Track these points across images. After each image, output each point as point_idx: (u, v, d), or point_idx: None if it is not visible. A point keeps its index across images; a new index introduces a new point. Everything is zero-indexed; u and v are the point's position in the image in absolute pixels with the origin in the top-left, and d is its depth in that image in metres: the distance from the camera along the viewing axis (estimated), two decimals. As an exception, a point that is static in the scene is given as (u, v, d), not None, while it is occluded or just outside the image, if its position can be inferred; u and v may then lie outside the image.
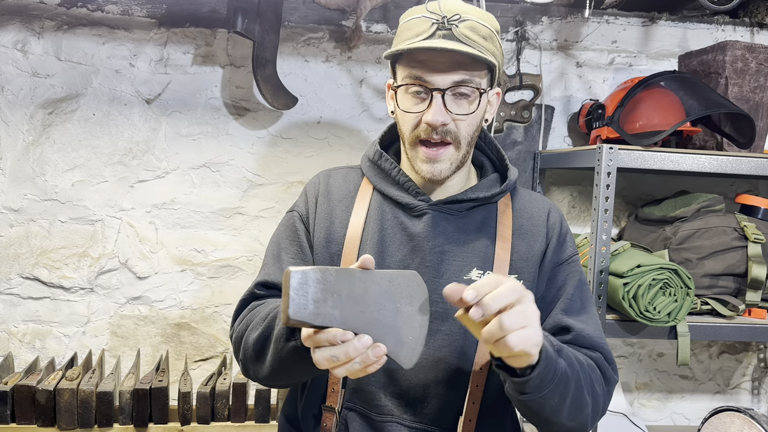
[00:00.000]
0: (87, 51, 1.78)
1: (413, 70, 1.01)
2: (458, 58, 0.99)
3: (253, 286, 1.10)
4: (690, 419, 2.13)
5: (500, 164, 1.18)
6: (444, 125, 1.01)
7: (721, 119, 1.67)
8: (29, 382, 1.60)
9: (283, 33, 1.80)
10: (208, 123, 1.83)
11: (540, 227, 1.12)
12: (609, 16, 1.94)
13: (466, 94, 1.02)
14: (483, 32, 1.02)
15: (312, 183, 1.18)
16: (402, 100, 1.04)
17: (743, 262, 1.61)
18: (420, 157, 1.04)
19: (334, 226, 1.10)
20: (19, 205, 1.79)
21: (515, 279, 1.00)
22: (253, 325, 1.02)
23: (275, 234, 1.17)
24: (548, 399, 0.90)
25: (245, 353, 1.02)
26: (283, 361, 0.93)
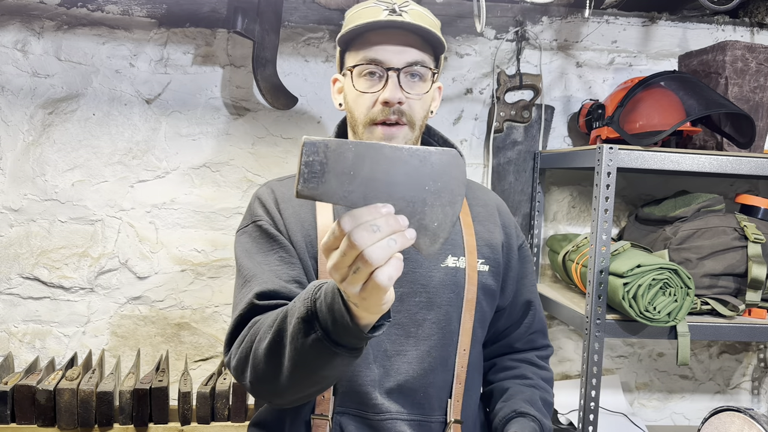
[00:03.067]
0: (87, 51, 1.78)
1: (367, 52, 1.03)
2: (410, 39, 1.03)
3: (252, 297, 0.98)
4: (690, 419, 2.13)
5: None
6: (400, 103, 1.03)
7: (721, 119, 1.67)
8: (29, 382, 1.60)
9: (283, 33, 1.80)
10: (208, 123, 1.83)
11: (494, 216, 1.21)
12: (609, 16, 1.94)
13: (420, 74, 1.05)
14: (428, 21, 1.06)
15: (264, 193, 1.13)
16: (357, 82, 1.05)
17: (743, 262, 1.61)
18: (376, 137, 1.05)
19: (306, 229, 1.08)
20: (19, 205, 1.79)
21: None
22: (260, 337, 0.92)
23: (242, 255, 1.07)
24: None
25: (255, 370, 0.92)
26: (305, 362, 0.84)
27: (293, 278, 1.03)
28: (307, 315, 0.82)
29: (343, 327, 0.78)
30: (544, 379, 1.24)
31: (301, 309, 0.83)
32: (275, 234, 1.07)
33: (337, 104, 1.14)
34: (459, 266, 1.11)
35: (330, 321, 0.79)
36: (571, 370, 2.06)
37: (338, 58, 1.12)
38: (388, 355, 1.07)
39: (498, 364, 1.27)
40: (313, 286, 0.85)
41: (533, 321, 1.27)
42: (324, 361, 0.83)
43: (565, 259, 1.77)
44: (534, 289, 1.28)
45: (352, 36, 1.05)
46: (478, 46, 1.91)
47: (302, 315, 0.82)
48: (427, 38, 1.05)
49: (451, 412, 1.10)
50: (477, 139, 1.94)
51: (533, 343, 1.29)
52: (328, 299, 0.80)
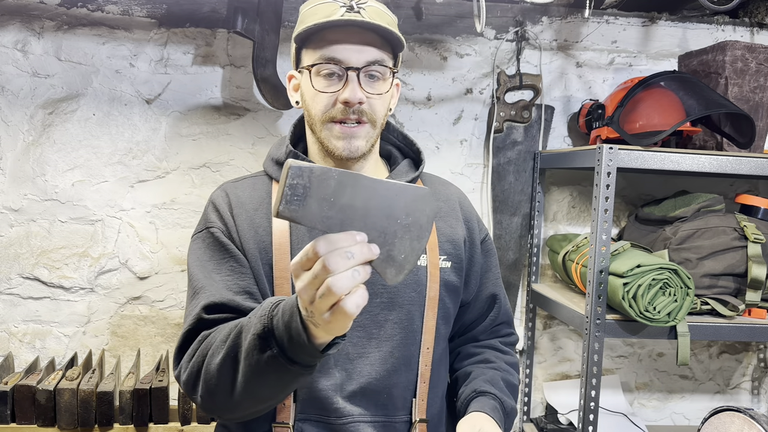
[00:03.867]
0: (87, 51, 1.78)
1: (325, 50, 1.00)
2: (369, 38, 1.01)
3: (200, 311, 0.97)
4: (690, 419, 2.13)
5: (410, 149, 1.20)
6: (361, 103, 1.01)
7: (721, 119, 1.67)
8: (29, 382, 1.60)
9: (283, 33, 1.80)
10: (208, 123, 1.83)
11: (456, 210, 1.19)
12: (609, 16, 1.94)
13: (379, 74, 1.03)
14: (386, 19, 1.04)
15: (219, 197, 1.10)
16: (315, 81, 1.02)
17: (743, 262, 1.61)
18: (335, 134, 1.02)
19: (260, 235, 1.05)
20: (19, 205, 1.79)
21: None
22: (212, 352, 0.91)
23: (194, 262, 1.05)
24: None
25: (208, 385, 0.91)
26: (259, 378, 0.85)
27: (243, 289, 1.02)
28: (264, 332, 0.83)
29: (299, 345, 0.79)
30: (507, 363, 1.23)
31: (257, 326, 0.84)
32: (226, 242, 1.05)
33: (293, 102, 1.11)
34: (420, 264, 1.09)
35: (286, 339, 0.81)
36: (571, 370, 2.06)
37: (294, 55, 1.09)
38: (350, 358, 1.05)
39: (462, 352, 1.26)
40: (270, 302, 0.86)
41: (498, 314, 1.27)
42: (278, 377, 0.85)
43: (565, 259, 1.77)
44: (498, 282, 1.27)
45: (310, 33, 1.02)
46: (478, 46, 1.91)
47: (258, 332, 0.83)
48: (386, 37, 1.02)
49: (416, 411, 1.09)
50: (477, 139, 1.95)
51: (497, 333, 1.29)
52: (286, 317, 0.81)
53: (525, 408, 1.99)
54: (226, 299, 0.98)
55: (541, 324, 2.04)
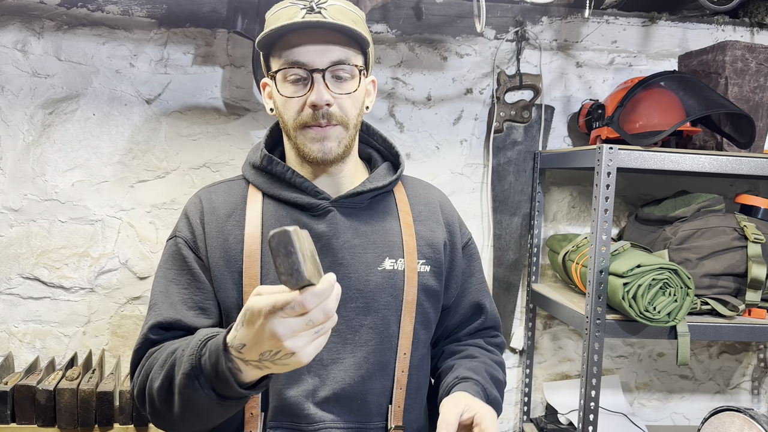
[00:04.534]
0: (87, 51, 1.78)
1: (289, 54, 0.99)
2: (332, 37, 0.99)
3: (147, 331, 1.02)
4: (690, 419, 2.13)
5: (389, 153, 1.19)
6: (329, 105, 1.00)
7: (721, 119, 1.67)
8: (29, 382, 1.60)
9: (283, 33, 1.80)
10: (208, 123, 1.83)
11: (436, 214, 1.17)
12: (609, 16, 1.94)
13: (346, 74, 1.01)
14: (351, 16, 1.02)
15: (192, 204, 1.11)
16: (282, 87, 1.02)
17: (743, 262, 1.61)
18: (308, 138, 1.02)
19: (229, 243, 1.05)
20: (19, 205, 1.79)
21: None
22: (152, 376, 0.95)
23: (160, 266, 1.08)
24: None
25: (152, 406, 0.95)
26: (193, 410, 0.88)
27: (196, 304, 1.03)
28: (192, 372, 0.86)
29: (227, 385, 0.82)
30: (492, 360, 1.20)
31: (186, 365, 0.87)
32: (188, 255, 1.06)
33: (268, 110, 1.11)
34: (397, 268, 1.08)
35: (214, 378, 0.84)
36: (571, 370, 2.06)
37: (263, 63, 1.08)
38: (324, 364, 1.04)
39: (446, 351, 1.23)
40: (199, 340, 0.88)
41: (484, 321, 1.24)
42: (212, 409, 0.88)
43: (565, 259, 1.77)
44: (483, 288, 1.24)
45: (272, 39, 1.01)
46: (478, 46, 1.91)
47: (187, 371, 0.86)
48: (351, 35, 1.00)
49: (392, 418, 1.07)
50: (477, 139, 1.95)
51: (483, 335, 1.26)
52: (212, 359, 0.83)
53: (525, 408, 1.99)
54: (174, 318, 1.01)
55: (541, 324, 2.04)
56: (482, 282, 1.25)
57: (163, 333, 1.01)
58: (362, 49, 1.05)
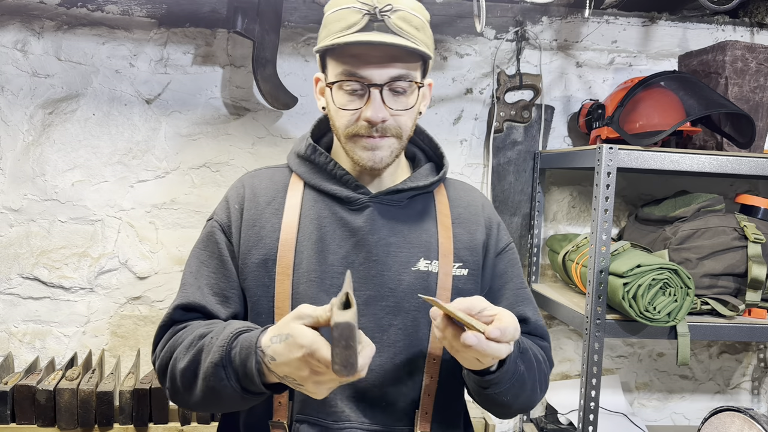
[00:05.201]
0: (87, 51, 1.78)
1: (347, 65, 0.97)
2: (394, 51, 0.96)
3: (172, 311, 1.03)
4: (690, 419, 2.13)
5: (434, 153, 1.18)
6: (384, 121, 0.98)
7: (721, 119, 1.67)
8: (29, 382, 1.60)
9: (283, 33, 1.80)
10: (208, 123, 1.83)
11: (478, 216, 1.14)
12: (609, 16, 1.94)
13: (404, 90, 0.99)
14: (415, 22, 0.98)
15: (234, 189, 1.11)
16: (337, 96, 1.00)
17: (743, 262, 1.61)
18: (360, 146, 1.01)
19: (265, 231, 1.04)
20: (19, 205, 1.79)
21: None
22: (177, 356, 0.97)
23: (196, 245, 1.10)
24: (505, 394, 0.97)
25: (173, 382, 0.98)
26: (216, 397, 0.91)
27: (221, 291, 1.04)
28: (221, 362, 0.88)
29: (252, 382, 0.86)
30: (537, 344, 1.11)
31: (215, 355, 0.89)
32: (220, 240, 1.06)
33: (320, 107, 1.08)
34: (431, 270, 1.06)
35: (241, 373, 0.87)
36: (571, 370, 2.06)
37: (318, 59, 1.06)
38: None
39: None
40: (230, 333, 0.90)
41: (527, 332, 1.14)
42: (233, 401, 0.91)
43: (565, 259, 1.77)
44: (523, 295, 1.15)
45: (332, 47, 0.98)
46: (478, 46, 1.91)
47: (216, 361, 0.89)
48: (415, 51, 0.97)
49: (418, 423, 1.04)
50: (477, 139, 1.94)
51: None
52: (243, 355, 0.87)
53: (525, 408, 1.99)
54: (199, 303, 1.02)
55: (541, 324, 2.04)
56: (521, 287, 1.15)
57: (186, 314, 1.04)
58: (423, 59, 1.02)
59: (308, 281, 1.01)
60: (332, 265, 1.02)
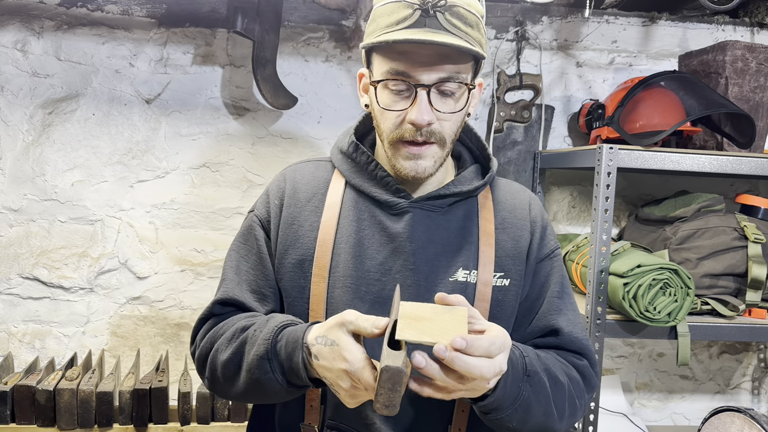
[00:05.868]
0: (87, 51, 1.77)
1: (394, 63, 0.91)
2: (445, 50, 0.90)
3: (212, 305, 1.03)
4: (690, 419, 2.13)
5: (481, 154, 1.11)
6: (429, 125, 0.93)
7: (721, 119, 1.67)
8: (29, 382, 1.60)
9: (283, 33, 1.80)
10: (208, 123, 1.83)
11: (523, 220, 1.06)
12: (609, 16, 1.94)
13: (453, 92, 0.93)
14: (470, 20, 0.92)
15: (276, 182, 1.08)
16: (382, 96, 0.95)
17: (743, 262, 1.61)
18: (402, 154, 0.96)
19: (303, 230, 1.01)
20: (18, 205, 1.79)
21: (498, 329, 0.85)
22: (218, 347, 0.96)
23: (236, 237, 1.08)
24: (509, 420, 0.89)
25: (213, 373, 0.98)
26: (258, 388, 0.91)
27: (259, 288, 1.03)
28: (266, 355, 0.88)
29: (297, 376, 0.86)
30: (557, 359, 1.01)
31: (261, 347, 0.89)
32: (258, 236, 1.04)
33: (363, 104, 1.03)
34: (470, 281, 1.00)
35: (287, 367, 0.87)
36: (571, 370, 2.06)
37: (363, 54, 1.00)
38: None
39: None
40: (275, 326, 0.90)
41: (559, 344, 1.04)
42: (276, 393, 0.91)
43: (566, 259, 1.77)
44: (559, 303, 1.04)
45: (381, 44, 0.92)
46: (478, 46, 1.91)
47: (261, 354, 0.89)
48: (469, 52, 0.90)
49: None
50: (477, 139, 1.94)
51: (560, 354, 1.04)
52: (289, 349, 0.87)
53: (525, 408, 1.99)
54: (238, 300, 1.02)
55: (541, 324, 2.04)
56: (557, 298, 1.05)
57: (225, 309, 1.04)
58: (475, 58, 0.95)
59: (344, 286, 0.98)
60: (368, 271, 0.98)
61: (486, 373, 0.76)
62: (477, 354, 0.75)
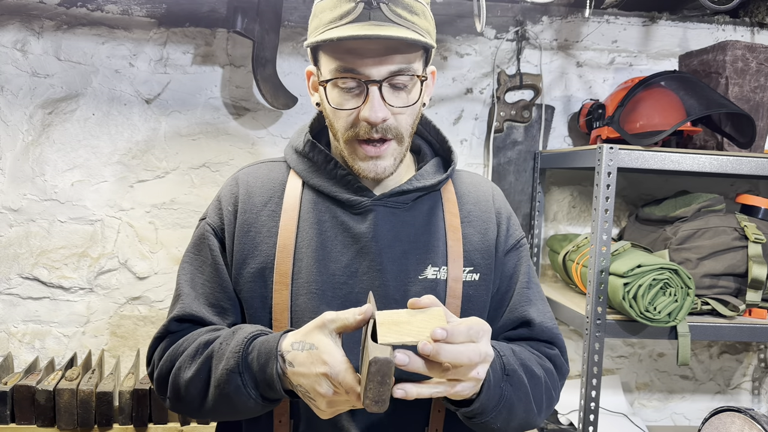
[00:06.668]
0: (87, 51, 1.77)
1: (341, 61, 0.88)
2: (393, 43, 0.87)
3: (168, 322, 0.97)
4: (690, 419, 2.13)
5: (441, 147, 1.08)
6: (384, 121, 0.89)
7: (722, 119, 1.67)
8: (29, 382, 1.60)
9: (283, 33, 1.80)
10: (207, 123, 1.83)
11: (488, 212, 1.04)
12: (609, 15, 1.94)
13: (405, 85, 0.90)
14: (416, 8, 0.89)
15: (228, 187, 1.02)
16: (332, 95, 0.91)
17: (743, 262, 1.61)
18: (360, 156, 0.93)
19: (261, 236, 0.96)
20: (18, 205, 1.79)
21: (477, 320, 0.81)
22: (181, 365, 0.91)
23: (188, 249, 1.02)
24: (493, 422, 0.88)
25: (176, 393, 0.92)
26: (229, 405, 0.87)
27: (217, 301, 0.98)
28: (237, 368, 0.84)
29: (271, 389, 0.83)
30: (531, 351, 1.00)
31: (230, 361, 0.85)
32: (213, 245, 0.99)
33: (313, 103, 0.99)
34: (440, 278, 0.97)
35: (260, 379, 0.83)
36: (572, 370, 2.06)
37: (309, 53, 0.97)
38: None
39: None
40: (243, 337, 0.86)
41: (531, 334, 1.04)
42: (247, 408, 0.86)
43: (566, 259, 1.77)
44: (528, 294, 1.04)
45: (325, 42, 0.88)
46: (479, 46, 1.91)
47: (231, 367, 0.84)
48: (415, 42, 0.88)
49: None
50: (477, 139, 1.94)
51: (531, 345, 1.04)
52: (262, 360, 0.83)
53: (525, 408, 1.99)
54: (196, 315, 0.97)
55: (542, 324, 2.04)
56: (526, 288, 1.04)
57: (182, 325, 0.98)
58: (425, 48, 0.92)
59: (308, 293, 0.94)
60: (334, 274, 0.94)
61: (473, 357, 0.74)
62: (460, 340, 0.74)
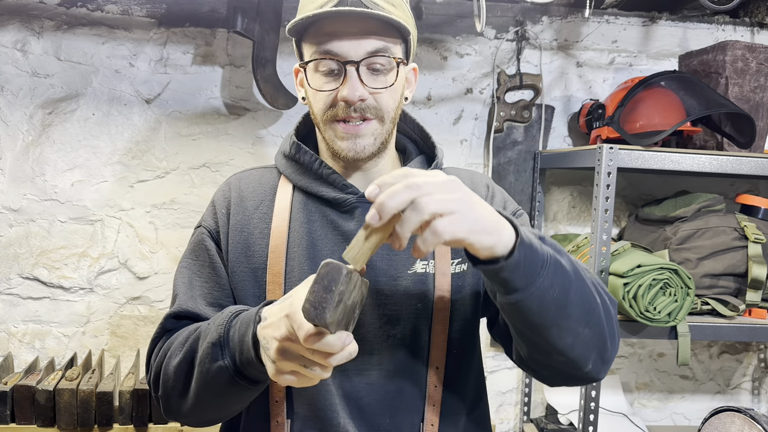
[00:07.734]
0: (87, 51, 1.77)
1: (322, 44, 0.91)
2: (369, 26, 0.90)
3: (164, 321, 0.98)
4: (690, 419, 2.13)
5: (425, 144, 1.10)
6: (362, 100, 0.91)
7: (722, 119, 1.67)
8: (29, 382, 1.60)
9: (282, 33, 1.80)
10: (207, 123, 1.83)
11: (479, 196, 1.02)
12: (609, 15, 1.94)
13: (383, 66, 0.92)
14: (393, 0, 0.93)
15: (221, 192, 1.06)
16: (312, 79, 0.94)
17: (743, 262, 1.61)
18: (339, 135, 0.94)
19: (254, 238, 0.99)
20: (18, 205, 1.79)
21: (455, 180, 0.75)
22: (171, 354, 0.92)
23: (185, 255, 1.04)
24: (546, 290, 0.76)
25: (165, 385, 0.91)
26: (209, 387, 0.85)
27: (216, 300, 0.99)
28: (218, 340, 0.84)
29: (248, 361, 0.81)
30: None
31: (214, 334, 0.85)
32: (210, 248, 1.01)
33: (300, 98, 1.02)
34: (428, 271, 0.98)
35: (237, 351, 0.82)
36: (571, 370, 2.05)
37: (295, 48, 1.00)
38: (349, 376, 0.96)
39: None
40: (230, 312, 0.87)
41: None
42: (226, 389, 0.85)
43: (565, 259, 1.76)
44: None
45: (304, 25, 0.93)
46: (478, 46, 1.91)
47: (213, 340, 0.84)
48: (391, 22, 0.90)
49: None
50: (477, 139, 1.94)
51: None
52: (242, 330, 0.82)
53: (525, 408, 1.99)
54: (192, 311, 0.98)
55: (541, 324, 2.04)
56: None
57: (178, 322, 0.98)
58: (403, 36, 0.95)
59: None
60: None
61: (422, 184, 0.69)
62: (393, 180, 0.71)
